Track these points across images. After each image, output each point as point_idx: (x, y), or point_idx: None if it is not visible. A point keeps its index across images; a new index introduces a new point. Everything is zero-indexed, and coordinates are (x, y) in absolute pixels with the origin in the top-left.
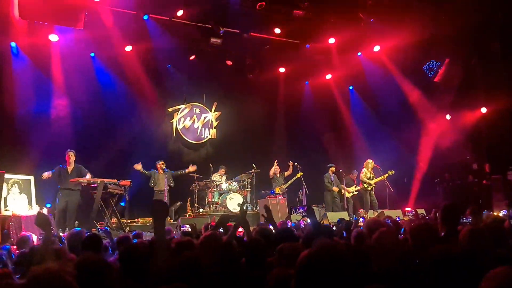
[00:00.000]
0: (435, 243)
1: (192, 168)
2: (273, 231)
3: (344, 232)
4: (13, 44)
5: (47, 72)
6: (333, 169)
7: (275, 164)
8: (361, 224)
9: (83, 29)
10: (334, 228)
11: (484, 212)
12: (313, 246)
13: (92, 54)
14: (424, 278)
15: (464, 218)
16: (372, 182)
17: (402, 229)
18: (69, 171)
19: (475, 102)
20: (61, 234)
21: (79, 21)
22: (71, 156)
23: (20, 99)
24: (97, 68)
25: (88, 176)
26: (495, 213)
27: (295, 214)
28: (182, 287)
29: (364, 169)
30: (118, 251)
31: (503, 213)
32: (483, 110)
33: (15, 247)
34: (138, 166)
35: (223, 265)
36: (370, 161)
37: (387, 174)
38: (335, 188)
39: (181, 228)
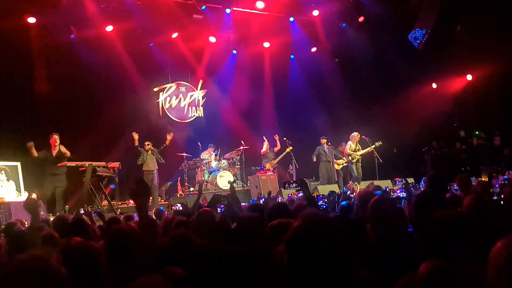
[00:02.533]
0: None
1: (169, 136)
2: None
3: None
4: None
5: (27, 56)
6: (325, 141)
7: (266, 142)
8: (351, 196)
9: (61, 10)
10: (326, 200)
11: (472, 178)
12: (299, 217)
13: (73, 36)
14: (426, 242)
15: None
16: (358, 154)
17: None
18: (55, 155)
19: (460, 69)
20: (51, 218)
21: (57, 2)
22: (56, 139)
23: (0, 84)
24: (78, 50)
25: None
26: (483, 179)
27: (288, 188)
28: (172, 272)
29: (350, 141)
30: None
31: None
32: (469, 77)
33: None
34: (136, 136)
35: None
36: (355, 134)
37: (374, 145)
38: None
39: (173, 208)
